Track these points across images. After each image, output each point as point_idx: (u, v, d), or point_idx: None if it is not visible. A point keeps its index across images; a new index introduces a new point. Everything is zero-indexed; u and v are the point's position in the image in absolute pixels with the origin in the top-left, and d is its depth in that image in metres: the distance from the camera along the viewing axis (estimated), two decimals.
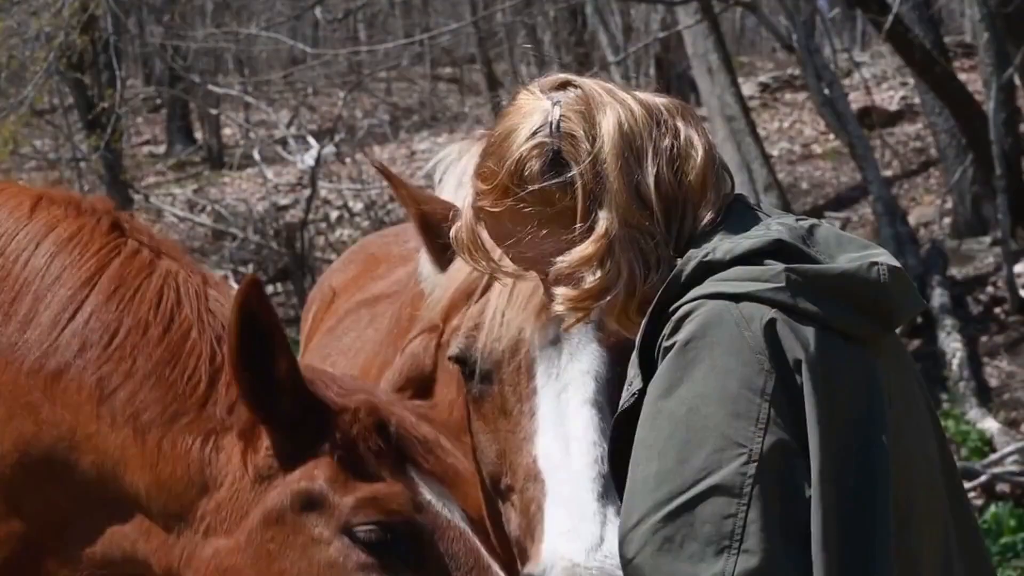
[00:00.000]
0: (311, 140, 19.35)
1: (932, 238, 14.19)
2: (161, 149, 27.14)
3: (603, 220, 2.65)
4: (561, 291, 2.73)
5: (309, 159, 18.45)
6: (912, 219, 14.73)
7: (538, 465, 3.44)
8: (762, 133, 17.72)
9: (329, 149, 19.14)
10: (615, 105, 2.69)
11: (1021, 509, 9.64)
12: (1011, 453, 10.21)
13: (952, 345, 11.76)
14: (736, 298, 2.58)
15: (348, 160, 20.50)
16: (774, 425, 2.52)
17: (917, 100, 16.69)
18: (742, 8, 15.43)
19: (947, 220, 14.69)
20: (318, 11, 16.45)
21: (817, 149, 19.39)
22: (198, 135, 27.15)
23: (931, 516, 2.66)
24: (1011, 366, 12.02)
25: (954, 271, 13.38)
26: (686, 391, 2.55)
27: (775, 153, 18.72)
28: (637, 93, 2.75)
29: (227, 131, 26.87)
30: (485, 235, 2.81)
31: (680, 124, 2.71)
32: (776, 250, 2.63)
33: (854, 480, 2.56)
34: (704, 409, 2.53)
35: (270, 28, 18.68)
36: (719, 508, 2.49)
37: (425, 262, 3.98)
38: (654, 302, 2.65)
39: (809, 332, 2.58)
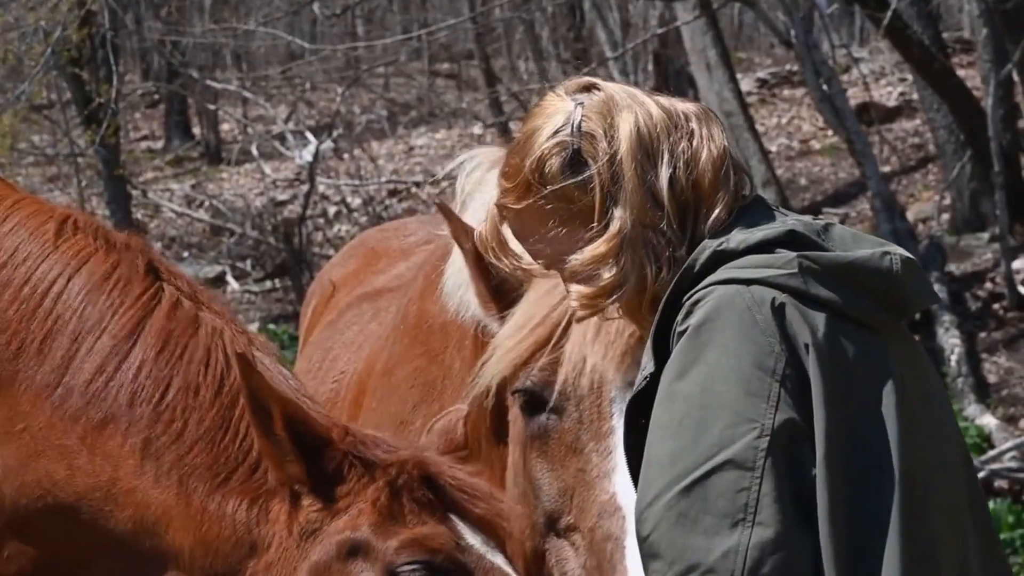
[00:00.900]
0: (309, 136, 19.34)
1: (930, 234, 14.19)
2: (159, 144, 27.13)
3: (617, 219, 2.72)
4: (575, 288, 2.80)
5: (307, 155, 18.44)
6: (910, 215, 14.74)
7: (618, 501, 3.39)
8: (760, 129, 17.72)
9: (327, 145, 19.13)
10: (634, 108, 2.75)
11: (1019, 505, 9.66)
12: (1009, 449, 10.22)
13: (950, 341, 11.76)
14: (748, 283, 2.63)
15: (346, 156, 20.50)
16: (784, 404, 2.56)
17: (915, 96, 16.68)
18: (740, 4, 15.43)
19: (945, 216, 14.69)
20: (316, 6, 16.42)
21: (815, 145, 19.39)
22: (196, 130, 27.13)
23: (950, 508, 2.68)
24: (1009, 362, 12.03)
25: (952, 267, 13.39)
26: (699, 372, 2.59)
27: (773, 149, 18.72)
28: (660, 98, 2.81)
29: (225, 126, 26.85)
30: (508, 234, 2.87)
31: (698, 128, 2.77)
32: (789, 240, 2.68)
33: (863, 462, 2.58)
34: (717, 388, 2.57)
35: (268, 23, 18.66)
36: (733, 482, 2.52)
37: (470, 297, 3.90)
38: (668, 290, 2.70)
39: (819, 318, 2.62)
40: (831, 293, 2.63)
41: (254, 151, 20.73)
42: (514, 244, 2.91)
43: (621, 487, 3.40)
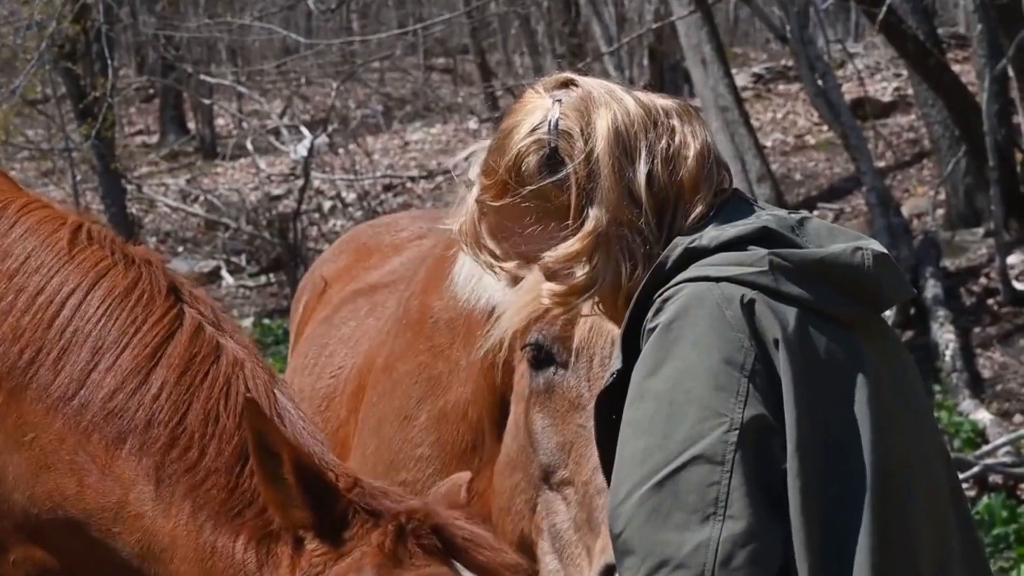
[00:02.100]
0: (304, 130, 19.34)
1: (925, 229, 14.19)
2: (154, 139, 27.12)
3: (592, 217, 2.69)
4: (548, 286, 2.78)
5: (302, 149, 18.44)
6: (905, 210, 14.73)
7: None
8: (756, 124, 17.72)
9: (322, 139, 19.13)
10: (612, 104, 2.73)
11: (1013, 500, 9.64)
12: (1003, 444, 10.20)
13: (945, 336, 11.75)
14: (718, 280, 2.62)
15: (341, 150, 20.50)
16: (753, 399, 2.56)
17: (910, 91, 16.68)
18: None
19: (940, 211, 14.70)
20: (311, 1, 16.41)
21: (811, 140, 19.39)
22: (191, 125, 27.13)
23: (931, 504, 2.67)
24: (1004, 357, 12.02)
25: (947, 262, 13.39)
26: (669, 369, 2.59)
27: (769, 144, 18.72)
28: (639, 94, 2.79)
29: (220, 121, 26.85)
30: (485, 229, 2.84)
31: (678, 125, 2.74)
32: (762, 237, 2.67)
33: (835, 456, 2.58)
34: (686, 383, 2.57)
35: (263, 18, 18.67)
36: (703, 476, 2.52)
37: (484, 285, 3.90)
38: (640, 288, 2.69)
39: (790, 313, 2.61)
40: (801, 290, 2.62)
41: (249, 146, 20.74)
42: (490, 240, 2.87)
43: None
